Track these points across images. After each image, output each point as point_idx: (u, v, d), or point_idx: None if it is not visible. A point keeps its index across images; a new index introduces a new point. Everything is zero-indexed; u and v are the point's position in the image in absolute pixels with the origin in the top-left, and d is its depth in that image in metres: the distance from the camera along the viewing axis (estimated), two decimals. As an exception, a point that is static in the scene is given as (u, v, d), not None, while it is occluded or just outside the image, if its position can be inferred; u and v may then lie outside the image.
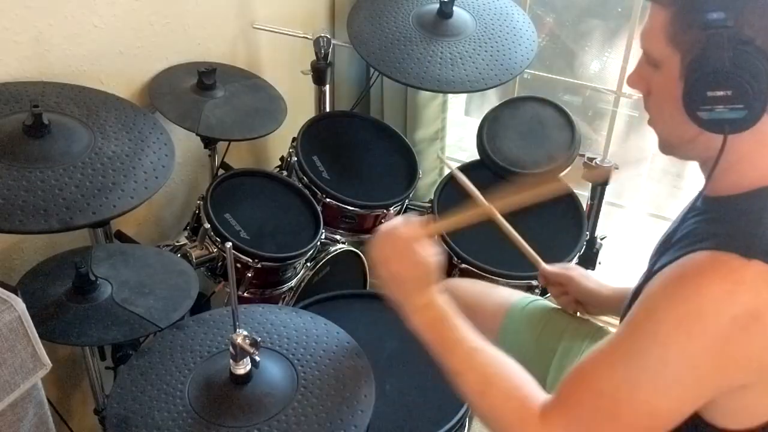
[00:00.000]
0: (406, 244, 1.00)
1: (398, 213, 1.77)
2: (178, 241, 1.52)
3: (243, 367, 0.98)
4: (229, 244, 0.93)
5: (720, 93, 0.81)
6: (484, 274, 1.58)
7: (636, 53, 1.88)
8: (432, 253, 1.02)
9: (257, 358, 0.96)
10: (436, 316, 0.99)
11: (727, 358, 0.79)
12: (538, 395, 0.91)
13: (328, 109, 1.88)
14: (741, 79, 0.79)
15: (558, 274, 1.33)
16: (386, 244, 1.00)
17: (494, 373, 0.94)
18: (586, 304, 1.31)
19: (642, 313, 0.85)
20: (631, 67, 1.90)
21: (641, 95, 0.97)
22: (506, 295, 1.42)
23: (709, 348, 0.79)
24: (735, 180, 0.88)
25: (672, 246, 0.90)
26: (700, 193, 1.03)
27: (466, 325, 0.99)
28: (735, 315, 0.77)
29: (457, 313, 1.00)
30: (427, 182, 2.17)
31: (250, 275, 1.46)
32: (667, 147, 0.96)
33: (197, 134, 1.52)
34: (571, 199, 1.73)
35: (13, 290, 0.96)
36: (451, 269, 1.66)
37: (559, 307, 1.34)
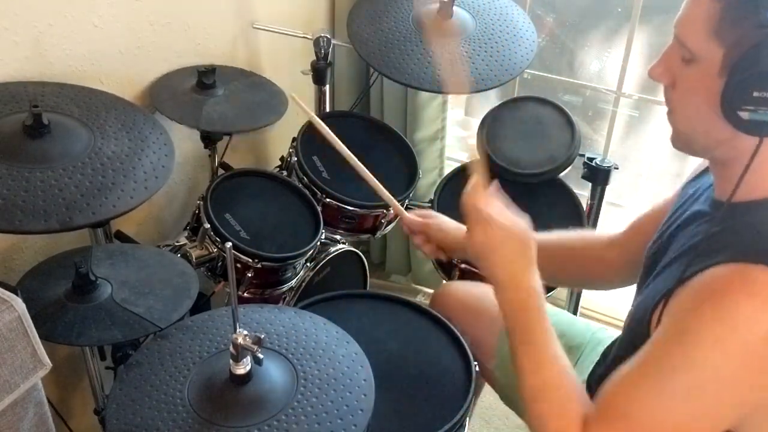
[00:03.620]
0: (500, 209, 0.98)
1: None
2: (178, 241, 1.52)
3: (243, 367, 0.98)
4: (229, 244, 0.93)
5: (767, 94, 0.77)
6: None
7: (636, 53, 1.88)
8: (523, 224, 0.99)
9: (260, 356, 0.96)
10: (525, 305, 0.96)
11: (764, 374, 0.78)
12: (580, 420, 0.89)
13: (328, 109, 1.89)
14: None
15: (418, 222, 1.33)
16: (478, 210, 0.99)
17: (553, 386, 0.92)
18: (448, 249, 1.31)
19: (673, 335, 0.83)
20: (631, 67, 1.91)
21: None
22: None
23: (747, 366, 0.78)
24: (751, 185, 0.86)
25: (687, 253, 0.88)
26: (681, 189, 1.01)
27: (548, 323, 0.96)
28: None
29: (544, 305, 0.96)
30: (427, 182, 2.17)
31: (250, 275, 1.46)
32: (683, 143, 0.92)
33: (199, 129, 1.51)
34: (571, 199, 1.73)
35: (13, 290, 0.97)
36: (451, 269, 1.66)
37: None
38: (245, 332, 0.96)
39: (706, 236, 0.87)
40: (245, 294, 1.51)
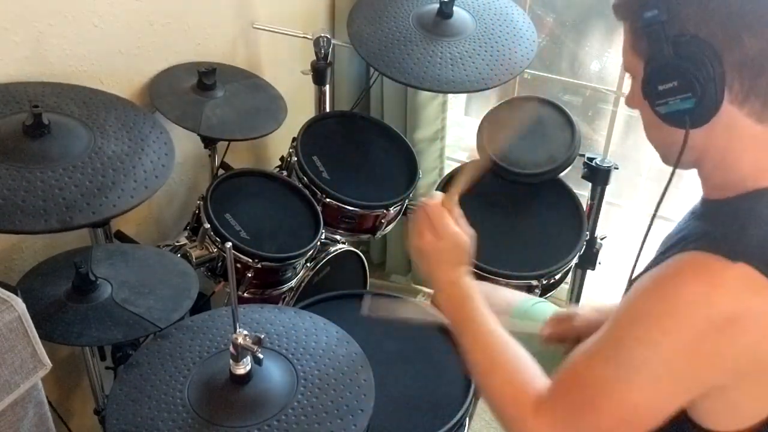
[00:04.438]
0: (440, 217, 1.03)
1: (398, 213, 1.77)
2: (178, 241, 1.52)
3: (243, 367, 0.98)
4: (229, 244, 0.93)
5: (668, 85, 0.84)
6: (484, 274, 1.58)
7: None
8: (465, 232, 1.04)
9: (260, 356, 0.96)
10: (460, 295, 1.01)
11: (700, 358, 0.79)
12: (537, 382, 0.91)
13: (328, 109, 1.88)
14: (683, 68, 0.82)
15: (563, 331, 1.23)
16: (422, 217, 1.04)
17: (500, 356, 0.95)
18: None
19: (624, 311, 0.86)
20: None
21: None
22: (509, 297, 1.42)
23: (682, 347, 0.79)
24: (722, 181, 0.89)
25: (670, 248, 0.89)
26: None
27: (487, 309, 1.00)
28: (709, 316, 0.77)
29: (480, 297, 1.01)
30: (427, 182, 2.17)
31: (250, 275, 1.46)
32: (662, 156, 0.97)
33: (198, 134, 1.52)
34: (571, 199, 1.73)
35: (13, 290, 0.96)
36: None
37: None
38: (245, 332, 0.96)
39: (686, 231, 0.90)
40: (245, 294, 1.51)
